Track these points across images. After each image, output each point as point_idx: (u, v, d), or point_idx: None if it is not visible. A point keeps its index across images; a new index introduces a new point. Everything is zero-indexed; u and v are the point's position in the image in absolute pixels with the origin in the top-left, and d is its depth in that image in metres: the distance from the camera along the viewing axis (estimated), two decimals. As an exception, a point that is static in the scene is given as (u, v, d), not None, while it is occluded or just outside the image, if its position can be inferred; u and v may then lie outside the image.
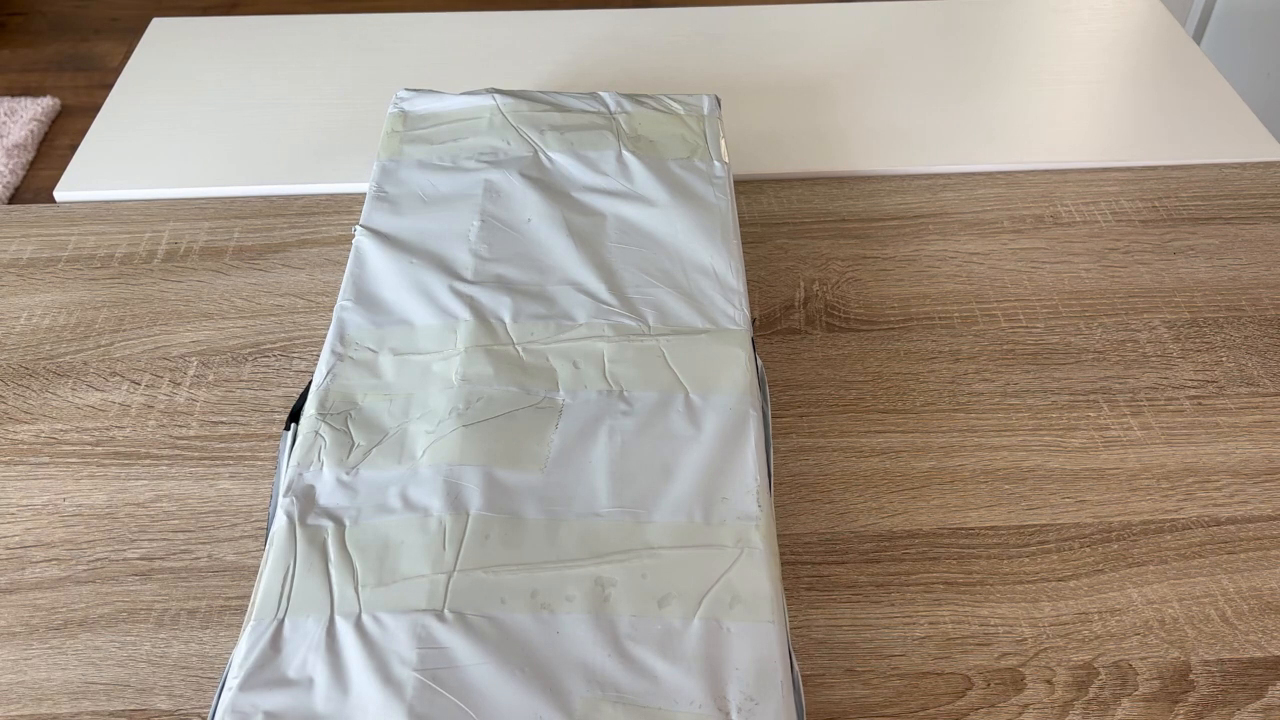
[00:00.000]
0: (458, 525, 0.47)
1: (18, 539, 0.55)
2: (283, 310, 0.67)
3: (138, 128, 0.82)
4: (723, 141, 0.67)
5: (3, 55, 2.23)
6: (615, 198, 0.63)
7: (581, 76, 0.88)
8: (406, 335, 0.55)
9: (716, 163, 0.65)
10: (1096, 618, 0.52)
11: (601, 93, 0.70)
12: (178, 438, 0.60)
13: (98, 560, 0.54)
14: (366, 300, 0.57)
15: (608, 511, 0.47)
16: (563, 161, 0.65)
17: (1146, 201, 0.75)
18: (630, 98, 0.70)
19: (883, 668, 0.50)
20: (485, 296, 0.57)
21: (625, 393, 0.52)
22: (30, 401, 0.62)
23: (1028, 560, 0.54)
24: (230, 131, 0.82)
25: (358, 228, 0.61)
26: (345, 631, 0.43)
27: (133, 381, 0.63)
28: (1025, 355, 0.64)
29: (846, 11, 0.96)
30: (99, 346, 0.65)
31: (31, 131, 1.96)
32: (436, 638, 0.43)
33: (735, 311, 0.56)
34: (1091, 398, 0.62)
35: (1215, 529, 0.55)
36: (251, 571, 0.53)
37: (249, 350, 0.65)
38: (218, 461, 0.58)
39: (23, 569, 0.54)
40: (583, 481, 0.49)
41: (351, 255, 0.60)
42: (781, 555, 0.54)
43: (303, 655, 0.43)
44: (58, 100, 2.07)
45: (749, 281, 0.69)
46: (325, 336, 0.61)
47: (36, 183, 1.91)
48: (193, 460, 0.58)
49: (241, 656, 0.43)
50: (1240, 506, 0.56)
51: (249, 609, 0.44)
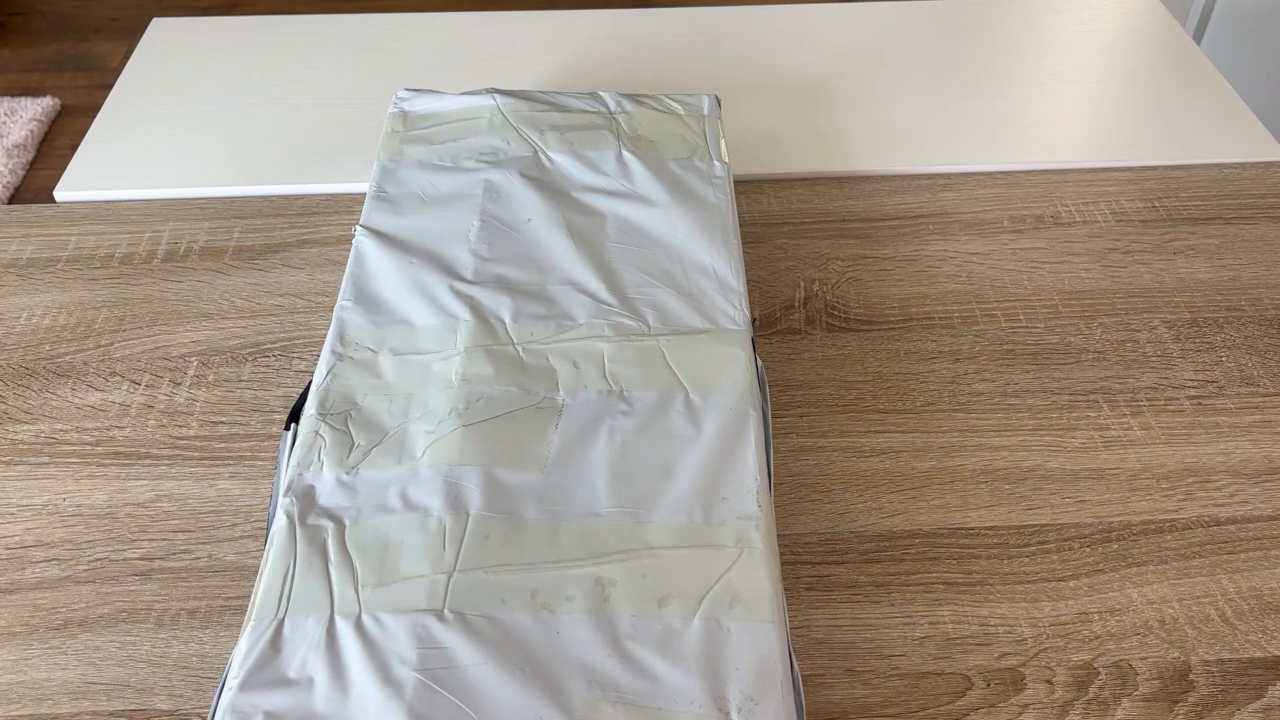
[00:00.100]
0: (458, 525, 0.47)
1: (18, 539, 0.55)
2: (283, 310, 0.67)
3: (138, 128, 0.82)
4: (723, 141, 0.67)
5: (3, 55, 2.23)
6: (615, 198, 0.63)
7: (581, 76, 0.88)
8: (406, 335, 0.55)
9: (716, 163, 0.65)
10: (1096, 618, 0.52)
11: (601, 93, 0.70)
12: (178, 438, 0.60)
13: (98, 560, 0.54)
14: (366, 300, 0.57)
15: (608, 511, 0.47)
16: (563, 161, 0.65)
17: (1146, 201, 0.75)
18: (630, 98, 0.70)
19: (883, 668, 0.50)
20: (485, 296, 0.57)
21: (625, 393, 0.52)
22: (30, 401, 0.62)
23: (1028, 560, 0.54)
24: (230, 131, 0.82)
25: (358, 228, 0.61)
26: (345, 631, 0.43)
27: (133, 381, 0.63)
28: (1025, 355, 0.64)
29: (846, 11, 0.96)
30: (99, 346, 0.65)
31: (31, 131, 1.96)
32: (436, 638, 0.43)
33: (735, 311, 0.56)
34: (1091, 398, 0.62)
35: (1215, 529, 0.55)
36: (251, 571, 0.53)
37: (249, 350, 0.65)
38: (218, 461, 0.58)
39: (23, 569, 0.54)
40: (583, 481, 0.49)
41: (351, 255, 0.60)
42: (781, 555, 0.54)
43: (303, 655, 0.43)
44: (58, 100, 2.07)
45: (749, 281, 0.69)
46: (325, 336, 0.61)
47: (36, 183, 1.91)
48: (193, 460, 0.58)
49: (241, 656, 0.43)
50: (1240, 506, 0.56)
51: (249, 609, 0.44)
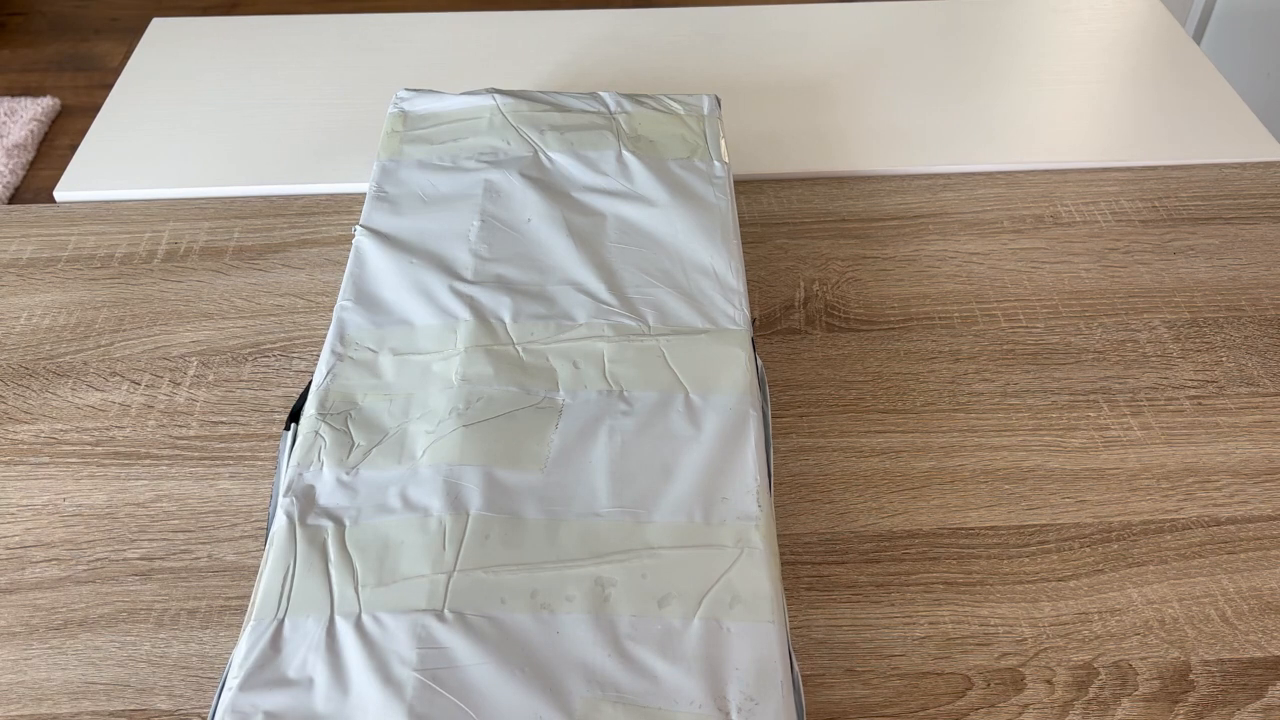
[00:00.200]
0: (458, 525, 0.47)
1: (18, 539, 0.55)
2: (283, 310, 0.67)
3: (138, 128, 0.82)
4: (723, 141, 0.67)
5: (3, 55, 2.23)
6: (615, 198, 0.63)
7: (581, 76, 0.88)
8: (406, 335, 0.55)
9: (716, 163, 0.65)
10: (1096, 618, 0.52)
11: (601, 93, 0.70)
12: (178, 438, 0.60)
13: (98, 560, 0.54)
14: (366, 300, 0.57)
15: (608, 511, 0.47)
16: (563, 161, 0.65)
17: (1146, 201, 0.75)
18: (630, 98, 0.70)
19: (883, 668, 0.50)
20: (485, 296, 0.57)
21: (625, 393, 0.52)
22: (30, 401, 0.62)
23: (1028, 560, 0.54)
24: (230, 131, 0.82)
25: (358, 228, 0.61)
26: (345, 631, 0.43)
27: (133, 381, 0.63)
28: (1025, 355, 0.64)
29: (847, 11, 0.96)
30: (99, 346, 0.65)
31: (31, 131, 1.96)
32: (436, 638, 0.43)
33: (735, 311, 0.56)
34: (1091, 398, 0.62)
35: (1215, 529, 0.55)
36: (251, 571, 0.53)
37: (249, 350, 0.65)
38: (218, 461, 0.58)
39: (23, 569, 0.54)
40: (583, 481, 0.49)
41: (351, 255, 0.60)
42: (781, 555, 0.54)
43: (303, 655, 0.43)
44: (58, 100, 2.07)
45: (749, 281, 0.69)
46: (325, 336, 0.61)
47: (36, 183, 1.91)
48: (193, 460, 0.58)
49: (241, 656, 0.43)
50: (1240, 506, 0.56)
51: (249, 609, 0.44)
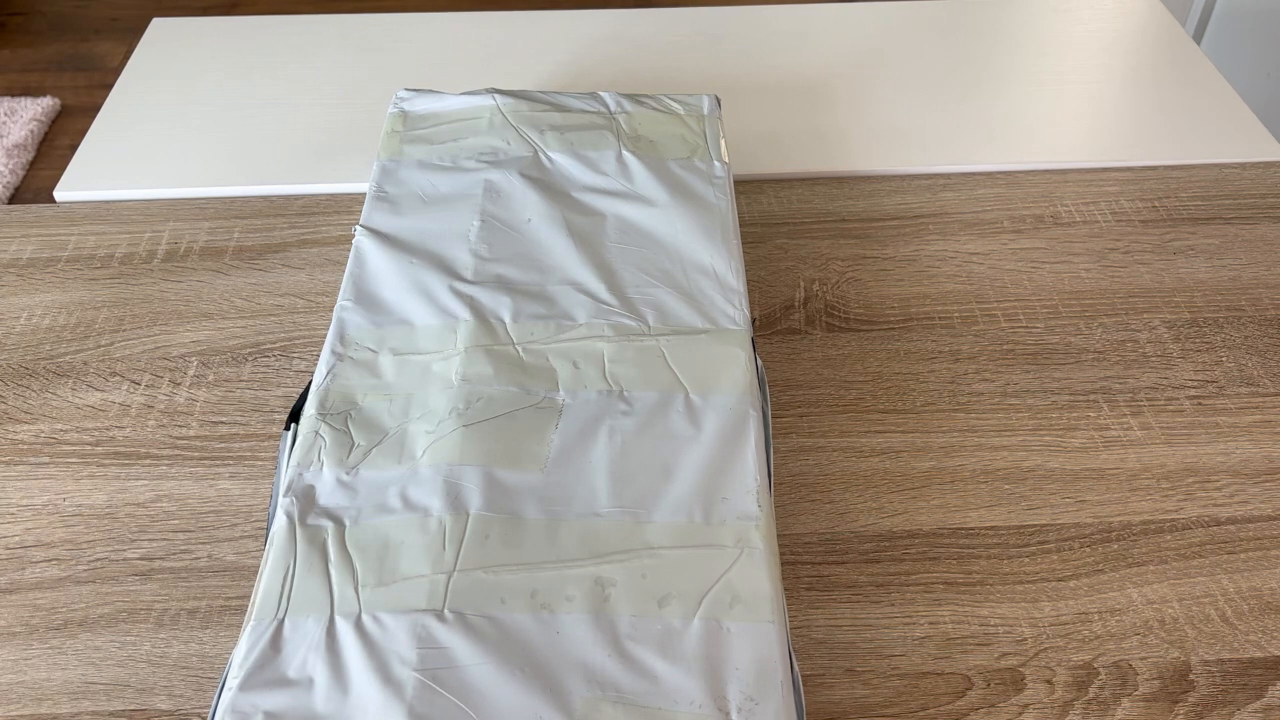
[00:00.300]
0: (458, 525, 0.47)
1: (18, 539, 0.55)
2: (283, 310, 0.67)
3: (138, 128, 0.82)
4: (723, 141, 0.67)
5: (3, 55, 2.23)
6: (615, 198, 0.63)
7: (581, 76, 0.88)
8: (406, 335, 0.55)
9: (716, 163, 0.65)
10: (1096, 618, 0.52)
11: (601, 93, 0.70)
12: (178, 438, 0.60)
13: (98, 560, 0.54)
14: (366, 300, 0.57)
15: (608, 511, 0.47)
16: (563, 161, 0.65)
17: (1146, 201, 0.75)
18: (630, 98, 0.70)
19: (883, 668, 0.50)
20: (485, 296, 0.57)
21: (625, 393, 0.52)
22: (30, 401, 0.62)
23: (1028, 560, 0.54)
24: (230, 131, 0.82)
25: (358, 228, 0.61)
26: (345, 631, 0.43)
27: (133, 381, 0.63)
28: (1025, 355, 0.64)
29: (847, 11, 0.96)
30: (99, 346, 0.65)
31: (31, 131, 1.96)
32: (436, 638, 0.43)
33: (735, 311, 0.56)
34: (1091, 398, 0.62)
35: (1215, 529, 0.55)
36: (251, 571, 0.53)
37: (249, 350, 0.65)
38: (218, 461, 0.58)
39: (23, 569, 0.54)
40: (583, 481, 0.49)
41: (351, 255, 0.60)
42: (781, 555, 0.54)
43: (303, 655, 0.43)
44: (58, 100, 2.07)
45: (749, 281, 0.69)
46: (325, 336, 0.61)
47: (36, 183, 1.91)
48: (193, 460, 0.58)
49: (241, 656, 0.43)
50: (1240, 506, 0.56)
51: (249, 609, 0.44)
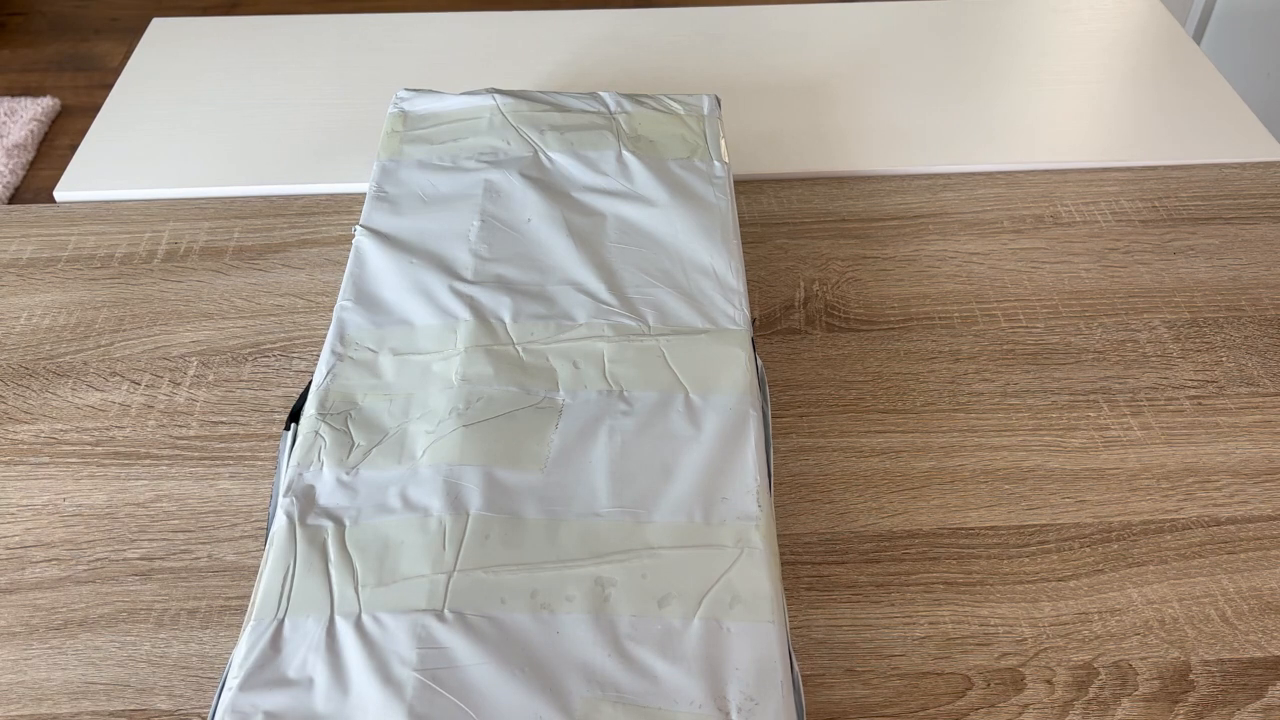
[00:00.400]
0: (458, 525, 0.47)
1: (18, 539, 0.55)
2: (283, 310, 0.67)
3: (138, 128, 0.82)
4: (723, 141, 0.67)
5: (3, 55, 2.23)
6: (615, 198, 0.63)
7: (581, 76, 0.88)
8: (406, 335, 0.55)
9: (716, 163, 0.65)
10: (1096, 618, 0.52)
11: (601, 93, 0.70)
12: (178, 438, 0.60)
13: (98, 560, 0.54)
14: (366, 300, 0.57)
15: (608, 511, 0.47)
16: (563, 161, 0.65)
17: (1146, 201, 0.75)
18: (630, 98, 0.70)
19: (883, 668, 0.50)
20: (485, 296, 0.57)
21: (625, 393, 0.52)
22: (30, 401, 0.62)
23: (1028, 560, 0.54)
24: (230, 131, 0.82)
25: (358, 228, 0.61)
26: (345, 631, 0.43)
27: (133, 381, 0.63)
28: (1025, 355, 0.64)
29: (846, 11, 0.96)
30: (99, 346, 0.65)
31: (31, 131, 1.96)
32: (436, 638, 0.43)
33: (735, 311, 0.56)
34: (1091, 398, 0.62)
35: (1215, 529, 0.55)
36: (251, 571, 0.53)
37: (249, 350, 0.65)
38: (218, 461, 0.58)
39: (23, 569, 0.54)
40: (583, 481, 0.49)
41: (351, 255, 0.60)
42: (781, 555, 0.54)
43: (303, 655, 0.43)
44: (58, 100, 2.07)
45: (749, 281, 0.69)
46: (325, 336, 0.61)
47: (36, 183, 1.91)
48: (193, 460, 0.58)
49: (241, 656, 0.43)
50: (1240, 506, 0.56)
51: (249, 609, 0.44)
